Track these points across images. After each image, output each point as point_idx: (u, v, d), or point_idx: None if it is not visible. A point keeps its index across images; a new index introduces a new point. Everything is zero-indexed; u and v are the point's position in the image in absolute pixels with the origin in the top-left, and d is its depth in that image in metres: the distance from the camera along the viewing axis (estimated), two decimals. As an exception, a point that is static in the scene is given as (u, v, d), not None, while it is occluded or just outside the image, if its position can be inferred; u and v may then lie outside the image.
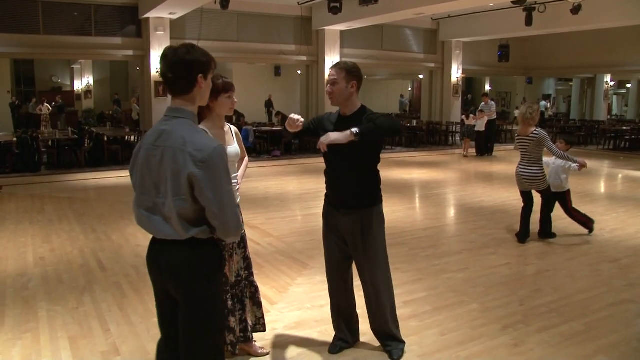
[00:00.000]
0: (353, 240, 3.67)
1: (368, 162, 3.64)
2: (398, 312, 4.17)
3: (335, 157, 3.57)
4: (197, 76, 2.42)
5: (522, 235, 6.93)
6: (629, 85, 29.48)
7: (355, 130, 3.28)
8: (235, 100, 3.52)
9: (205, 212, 2.34)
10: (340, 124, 3.51)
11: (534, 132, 6.62)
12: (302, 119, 3.51)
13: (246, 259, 3.69)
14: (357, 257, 3.72)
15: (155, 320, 4.39)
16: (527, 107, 6.85)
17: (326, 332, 4.19)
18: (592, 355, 3.95)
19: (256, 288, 3.78)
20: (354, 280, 3.94)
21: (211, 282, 2.47)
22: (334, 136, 3.32)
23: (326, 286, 5.13)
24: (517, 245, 6.81)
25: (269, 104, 23.37)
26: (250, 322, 3.73)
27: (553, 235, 7.10)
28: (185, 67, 2.39)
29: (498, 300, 4.96)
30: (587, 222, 7.22)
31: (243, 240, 3.68)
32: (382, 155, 3.78)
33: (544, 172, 6.78)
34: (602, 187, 11.85)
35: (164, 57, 2.41)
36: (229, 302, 3.54)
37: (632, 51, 21.06)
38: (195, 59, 2.41)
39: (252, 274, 3.75)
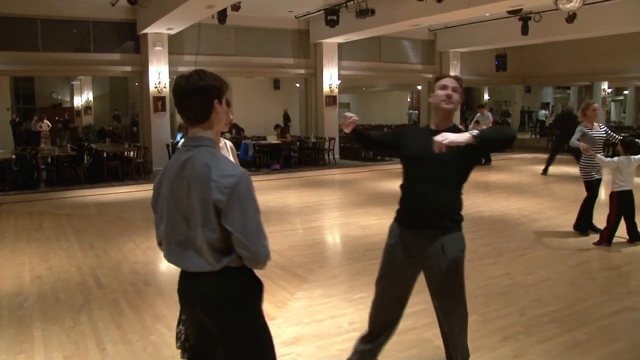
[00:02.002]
0: (430, 268, 3.30)
1: (462, 180, 3.33)
2: (399, 325, 4.15)
3: (430, 169, 3.23)
4: (212, 102, 2.38)
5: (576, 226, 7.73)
6: (626, 92, 29.51)
7: (475, 132, 3.01)
8: (231, 116, 3.50)
9: (232, 241, 2.28)
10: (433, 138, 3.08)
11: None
12: (356, 117, 3.47)
13: None
14: (434, 285, 3.35)
15: (153, 337, 4.41)
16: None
17: (324, 347, 4.16)
18: (594, 365, 3.92)
19: None
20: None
21: (251, 312, 2.41)
22: (452, 137, 2.97)
23: (326, 300, 5.16)
24: (518, 254, 6.78)
25: (286, 118, 22.98)
26: None
27: (584, 232, 7.54)
28: (200, 94, 2.34)
29: (498, 310, 4.92)
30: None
31: None
32: (381, 167, 3.74)
33: (585, 165, 7.34)
34: (602, 194, 11.80)
35: (177, 87, 2.36)
36: None
37: (628, 58, 21.09)
38: (208, 84, 2.35)
39: None
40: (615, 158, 7.01)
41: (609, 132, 7.55)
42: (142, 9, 13.47)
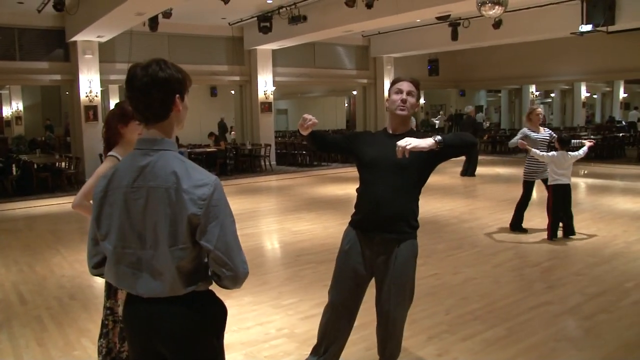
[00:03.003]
0: (384, 271, 3.30)
1: (419, 186, 3.33)
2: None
3: (388, 174, 3.21)
4: (174, 97, 2.03)
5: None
6: (553, 95, 30.72)
7: (438, 138, 2.96)
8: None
9: (209, 259, 2.03)
10: (391, 142, 3.02)
11: None
12: (315, 120, 3.35)
13: None
14: (383, 289, 3.34)
15: (77, 353, 4.31)
16: None
17: (251, 354, 4.16)
18: (512, 358, 4.05)
19: None
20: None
21: (218, 341, 2.17)
22: (416, 142, 2.91)
23: (255, 307, 5.16)
24: (446, 255, 6.95)
25: (222, 127, 22.10)
26: None
27: (521, 230, 7.98)
28: (159, 87, 1.99)
29: (425, 311, 5.01)
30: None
31: None
32: (317, 172, 3.75)
33: (529, 165, 7.78)
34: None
35: (132, 78, 2.00)
36: None
37: (554, 63, 22.01)
38: (170, 76, 2.01)
39: None
40: (550, 153, 7.41)
41: (553, 134, 7.90)
42: (70, 16, 13.14)
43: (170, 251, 1.97)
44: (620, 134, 20.12)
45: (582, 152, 7.36)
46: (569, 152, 7.38)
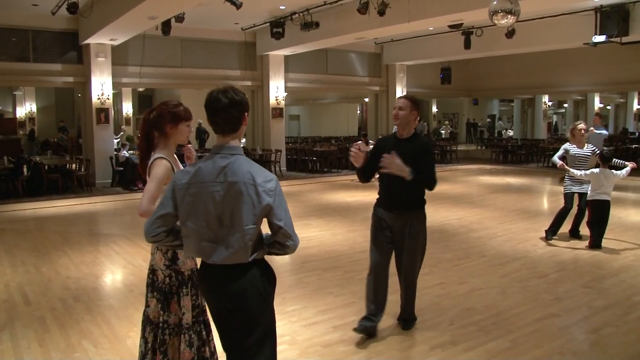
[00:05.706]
0: (401, 236, 4.45)
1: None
2: (326, 338, 4.19)
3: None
4: (244, 114, 2.69)
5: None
6: (566, 105, 30.55)
7: (411, 174, 4.17)
8: (191, 129, 3.48)
9: (278, 234, 2.63)
10: (398, 144, 4.40)
11: None
12: (362, 155, 4.40)
13: None
14: (400, 250, 4.50)
15: (77, 355, 4.32)
16: None
17: None
18: (515, 372, 4.01)
19: None
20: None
21: (271, 301, 2.76)
22: (395, 168, 4.17)
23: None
24: (453, 264, 6.89)
25: (201, 132, 21.20)
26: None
27: (552, 234, 8.07)
28: (236, 107, 2.63)
29: (428, 321, 4.98)
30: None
31: None
32: (327, 178, 3.89)
33: (567, 178, 7.86)
34: (540, 204, 12.17)
35: (215, 101, 2.61)
36: (203, 332, 3.40)
37: (566, 73, 21.90)
38: (242, 99, 2.66)
39: None
40: (588, 171, 7.48)
41: (597, 151, 7.84)
42: (84, 19, 13.22)
43: (245, 229, 2.58)
44: (634, 146, 19.91)
45: (624, 172, 7.46)
46: (612, 171, 7.42)
